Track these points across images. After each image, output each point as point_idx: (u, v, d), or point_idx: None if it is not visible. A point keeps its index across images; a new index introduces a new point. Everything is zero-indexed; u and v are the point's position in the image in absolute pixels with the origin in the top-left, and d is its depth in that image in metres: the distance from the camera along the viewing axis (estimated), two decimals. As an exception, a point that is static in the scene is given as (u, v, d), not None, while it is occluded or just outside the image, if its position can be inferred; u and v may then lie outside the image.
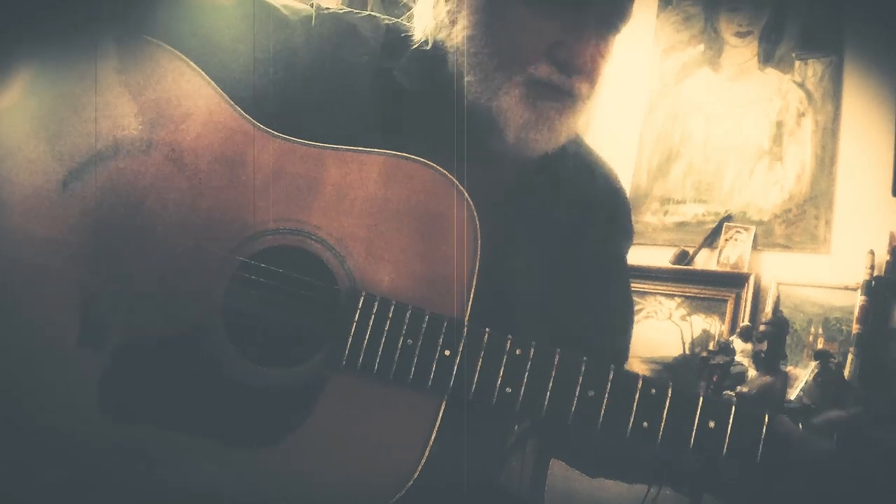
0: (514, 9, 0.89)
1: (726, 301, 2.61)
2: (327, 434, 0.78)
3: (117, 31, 0.87)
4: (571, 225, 1.05)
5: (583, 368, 0.79)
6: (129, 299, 0.84)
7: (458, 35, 0.93)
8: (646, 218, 2.94)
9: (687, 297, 2.72)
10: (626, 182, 3.03)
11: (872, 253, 2.30)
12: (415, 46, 0.98)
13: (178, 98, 0.85)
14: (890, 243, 2.28)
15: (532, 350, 0.79)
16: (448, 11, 0.94)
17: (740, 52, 2.89)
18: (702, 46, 3.00)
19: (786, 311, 2.45)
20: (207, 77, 0.86)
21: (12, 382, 0.82)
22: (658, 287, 2.79)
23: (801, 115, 2.66)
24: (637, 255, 2.88)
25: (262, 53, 0.94)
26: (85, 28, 0.85)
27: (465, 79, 0.92)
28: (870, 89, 2.53)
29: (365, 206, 0.83)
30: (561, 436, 1.09)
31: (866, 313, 2.23)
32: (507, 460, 1.28)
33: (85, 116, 0.83)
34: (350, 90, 0.96)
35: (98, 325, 0.83)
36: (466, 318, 0.81)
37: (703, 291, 2.69)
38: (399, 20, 1.04)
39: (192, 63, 0.86)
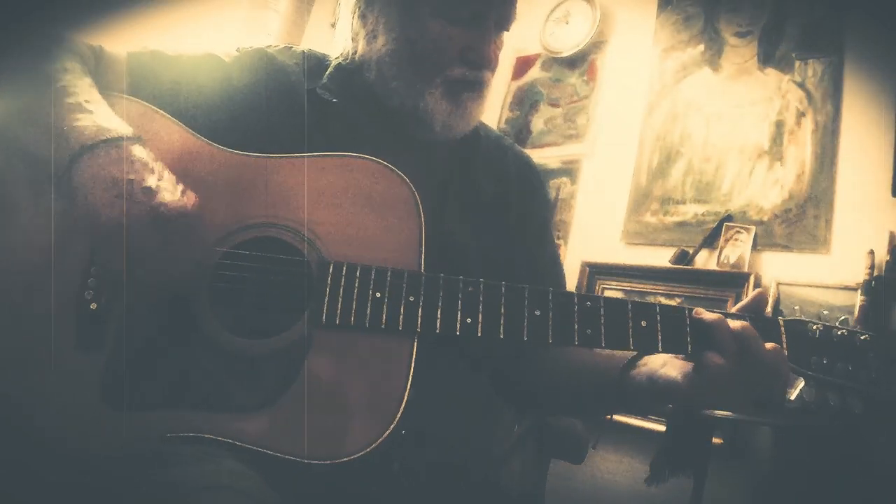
0: (428, 24, 1.06)
1: (726, 301, 2.61)
2: (318, 385, 0.88)
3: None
4: (493, 194, 1.21)
5: (526, 293, 0.93)
6: (122, 299, 0.87)
7: (379, 49, 1.11)
8: (646, 218, 2.95)
9: (687, 298, 2.72)
10: (626, 182, 3.03)
11: (872, 253, 2.30)
12: (333, 65, 1.17)
13: (149, 134, 0.96)
14: (890, 243, 2.28)
15: (481, 285, 0.93)
16: (367, 31, 1.12)
17: (740, 52, 2.89)
18: (702, 46, 3.00)
19: (786, 311, 2.45)
20: (168, 115, 1.01)
21: (14, 390, 0.85)
22: (658, 287, 2.79)
23: (801, 115, 2.66)
24: (637, 255, 2.89)
25: (213, 94, 1.09)
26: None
27: (391, 84, 1.10)
28: (870, 89, 2.53)
29: (324, 197, 0.97)
30: (537, 379, 1.19)
31: (866, 313, 2.23)
32: (507, 460, 1.29)
33: (66, 109, 0.90)
34: (288, 109, 1.11)
35: (94, 328, 0.88)
36: (422, 269, 0.94)
37: (704, 291, 2.69)
38: (314, 50, 1.23)
39: (158, 109, 1.01)
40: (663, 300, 2.77)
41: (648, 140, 3.04)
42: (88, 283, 0.90)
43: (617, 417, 2.59)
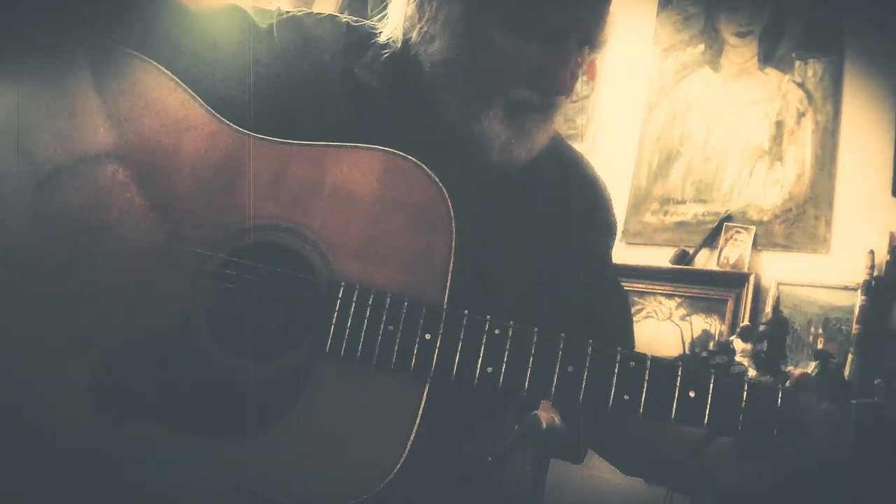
0: (495, 36, 0.89)
1: (726, 301, 2.61)
2: (314, 421, 0.79)
3: (93, 43, 0.87)
4: (548, 220, 1.05)
5: (561, 345, 0.80)
6: (112, 303, 0.84)
7: (434, 54, 0.93)
8: (646, 218, 2.94)
9: (687, 297, 2.72)
10: (626, 182, 3.03)
11: (872, 253, 2.30)
12: (381, 46, 0.99)
13: (153, 105, 0.86)
14: (890, 243, 2.28)
15: (511, 330, 0.80)
16: (423, 27, 0.94)
17: (740, 51, 2.89)
18: (702, 46, 3.00)
19: (786, 311, 2.45)
20: (183, 84, 0.88)
21: (4, 393, 0.82)
22: (658, 287, 2.79)
23: (801, 115, 2.66)
24: (637, 255, 2.89)
25: (234, 62, 0.95)
26: (60, 40, 0.84)
27: (444, 97, 0.94)
28: (870, 89, 2.53)
29: (341, 199, 0.85)
30: (600, 431, 1.09)
31: (866, 313, 2.23)
32: (507, 460, 1.28)
33: (58, 125, 0.83)
34: (316, 92, 0.97)
35: (82, 331, 0.83)
36: (445, 302, 0.82)
37: (703, 291, 2.69)
38: (363, 20, 1.05)
39: (167, 71, 0.88)
40: (663, 300, 2.76)
41: (648, 140, 3.03)
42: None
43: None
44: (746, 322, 2.44)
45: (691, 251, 2.76)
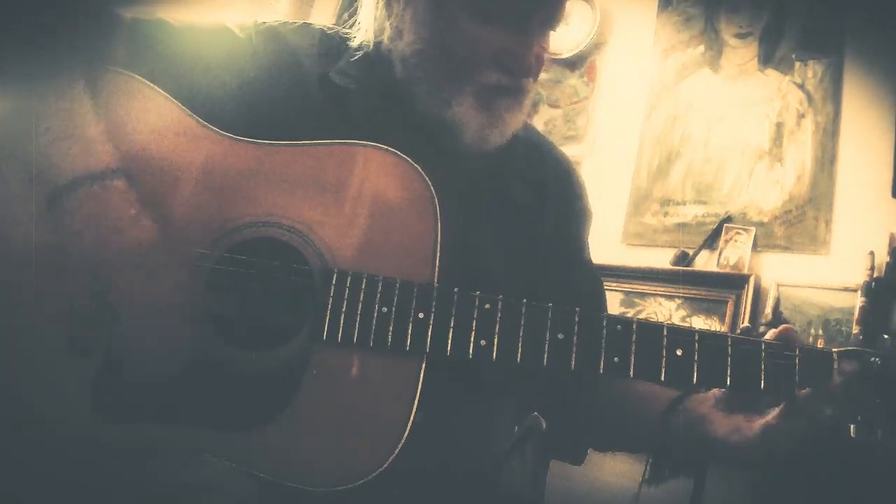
0: (461, 22, 0.94)
1: (726, 302, 2.61)
2: (316, 408, 0.82)
3: (88, 64, 0.90)
4: (528, 205, 1.10)
5: (549, 314, 0.83)
6: (113, 306, 0.85)
7: (404, 48, 0.99)
8: (646, 219, 2.94)
9: (687, 299, 2.72)
10: (626, 183, 3.03)
11: (872, 254, 2.30)
12: (354, 49, 1.05)
13: (144, 116, 0.89)
14: (890, 244, 2.28)
15: (500, 303, 0.84)
16: (392, 24, 1.00)
17: (740, 52, 2.89)
18: (702, 47, 3.00)
19: (786, 313, 2.45)
20: (170, 97, 0.92)
21: (5, 393, 0.83)
22: (658, 288, 2.79)
23: (801, 116, 2.66)
24: (637, 257, 2.89)
25: (222, 76, 0.99)
26: (57, 62, 0.87)
27: (416, 88, 0.98)
28: (870, 90, 2.53)
29: (329, 192, 0.89)
30: (568, 414, 1.14)
31: (866, 315, 2.23)
32: (507, 460, 1.28)
33: (64, 146, 0.84)
34: (298, 100, 1.01)
35: (85, 332, 0.84)
36: (435, 282, 0.85)
37: (704, 293, 2.69)
38: (336, 27, 1.11)
39: (154, 86, 0.92)
40: (663, 301, 2.77)
41: (648, 141, 3.04)
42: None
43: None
44: (746, 323, 2.44)
45: (691, 252, 2.76)
